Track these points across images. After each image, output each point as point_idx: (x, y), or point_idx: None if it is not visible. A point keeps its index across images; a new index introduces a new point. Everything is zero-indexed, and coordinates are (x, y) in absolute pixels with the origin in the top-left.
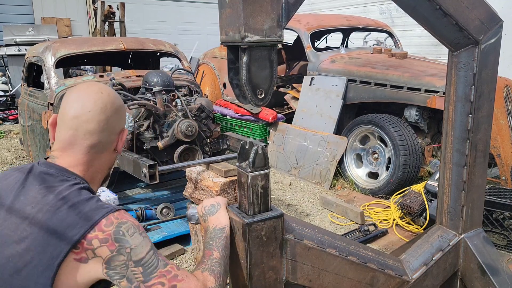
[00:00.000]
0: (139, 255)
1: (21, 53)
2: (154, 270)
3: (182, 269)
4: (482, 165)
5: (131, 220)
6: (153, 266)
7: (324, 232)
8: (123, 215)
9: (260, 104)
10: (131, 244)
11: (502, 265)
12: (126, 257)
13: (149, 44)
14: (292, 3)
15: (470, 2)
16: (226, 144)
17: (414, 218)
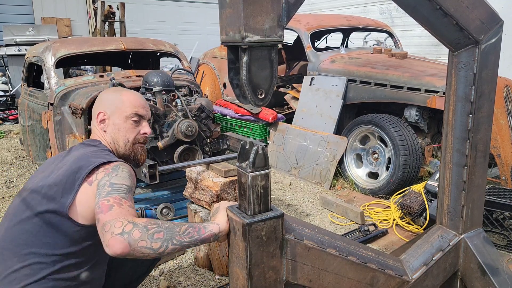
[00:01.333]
0: (116, 181)
1: (21, 53)
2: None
3: (128, 212)
4: (482, 165)
5: (130, 170)
6: (116, 191)
7: (324, 232)
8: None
9: (260, 104)
10: (118, 173)
11: (502, 265)
12: (109, 178)
13: (149, 44)
14: (293, 3)
15: (471, 2)
16: (226, 144)
17: (414, 218)
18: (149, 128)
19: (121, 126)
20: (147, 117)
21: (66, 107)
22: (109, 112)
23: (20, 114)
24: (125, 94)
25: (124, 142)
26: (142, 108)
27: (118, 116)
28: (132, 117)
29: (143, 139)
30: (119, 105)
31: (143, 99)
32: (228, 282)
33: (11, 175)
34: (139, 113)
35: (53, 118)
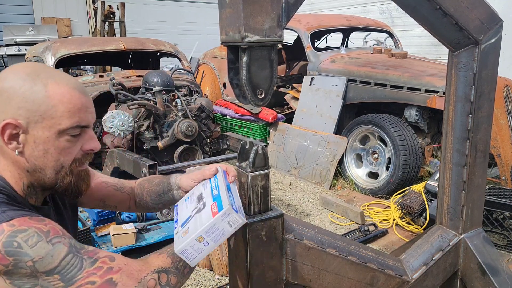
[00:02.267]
0: (48, 266)
1: (21, 53)
2: (77, 272)
3: (121, 257)
4: (482, 165)
5: (36, 226)
6: (76, 269)
7: (324, 232)
8: (23, 222)
9: (260, 104)
10: (32, 257)
11: (502, 265)
12: (31, 270)
13: (149, 44)
14: (292, 3)
15: (470, 2)
16: (226, 144)
17: (414, 218)
18: (96, 139)
19: (49, 145)
20: (92, 123)
21: None
22: (26, 121)
23: None
24: (52, 88)
25: (56, 168)
26: (85, 112)
27: (43, 129)
28: (70, 131)
29: (86, 158)
30: (45, 110)
31: (82, 91)
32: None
33: None
34: (83, 124)
35: None
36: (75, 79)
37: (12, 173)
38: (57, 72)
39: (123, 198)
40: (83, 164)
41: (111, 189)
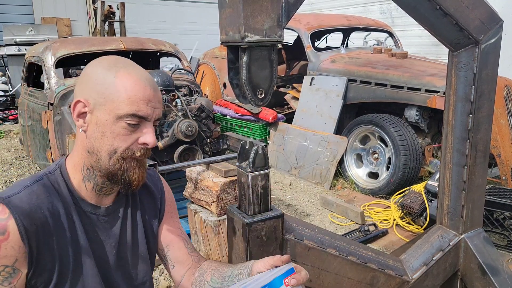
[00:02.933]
0: None
1: (21, 53)
2: None
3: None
4: (482, 165)
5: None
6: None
7: (324, 232)
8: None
9: (260, 104)
10: None
11: (502, 265)
12: None
13: (149, 44)
14: (292, 3)
15: (470, 2)
16: (226, 144)
17: (415, 218)
18: (153, 135)
19: (106, 129)
20: (152, 117)
21: (66, 107)
22: (93, 101)
23: (20, 114)
24: (121, 75)
25: (109, 152)
26: (146, 104)
27: (105, 112)
28: (127, 118)
29: (140, 151)
30: (109, 93)
31: (150, 85)
32: None
33: (11, 175)
34: (140, 114)
35: (53, 118)
36: (149, 75)
37: (78, 152)
38: (134, 66)
39: (185, 259)
40: (138, 156)
41: (182, 241)
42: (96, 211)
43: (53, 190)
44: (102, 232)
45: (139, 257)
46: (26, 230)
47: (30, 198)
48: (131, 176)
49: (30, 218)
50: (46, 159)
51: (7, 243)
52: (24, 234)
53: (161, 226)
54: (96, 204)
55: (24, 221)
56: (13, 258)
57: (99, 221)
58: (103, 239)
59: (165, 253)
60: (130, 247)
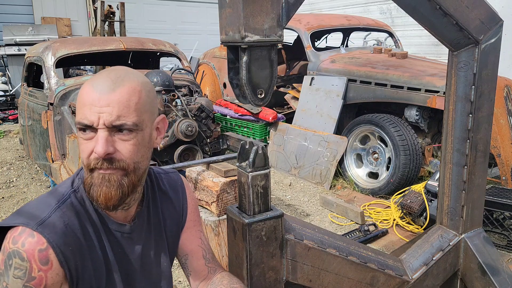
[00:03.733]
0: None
1: (21, 53)
2: None
3: None
4: (482, 165)
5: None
6: None
7: (324, 232)
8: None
9: (260, 104)
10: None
11: (502, 265)
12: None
13: (149, 44)
14: (292, 3)
15: (470, 2)
16: (226, 144)
17: (414, 218)
18: (102, 143)
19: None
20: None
21: (66, 107)
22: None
23: (20, 114)
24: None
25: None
26: (89, 110)
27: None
28: (78, 126)
29: (96, 162)
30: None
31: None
32: None
33: (11, 175)
34: (83, 122)
35: (53, 118)
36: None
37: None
38: (110, 71)
39: (201, 270)
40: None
41: (201, 251)
42: (121, 229)
43: (81, 209)
44: (126, 248)
45: (162, 266)
46: (64, 256)
47: (62, 222)
48: (95, 194)
49: (65, 243)
50: (46, 159)
51: (52, 272)
52: (63, 260)
53: (183, 234)
54: (120, 222)
55: (61, 247)
56: (59, 284)
57: (123, 238)
58: (128, 253)
59: (183, 261)
60: (153, 258)
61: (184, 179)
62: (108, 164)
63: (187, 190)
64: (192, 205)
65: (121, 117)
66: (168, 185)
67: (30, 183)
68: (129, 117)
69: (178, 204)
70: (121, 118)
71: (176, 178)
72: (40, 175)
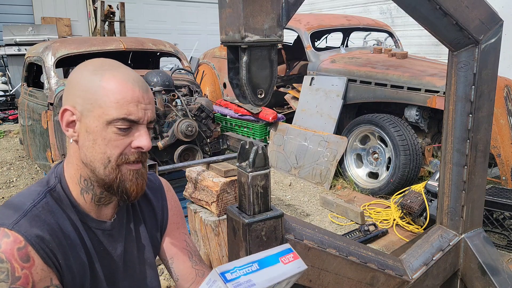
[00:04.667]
0: None
1: (21, 53)
2: None
3: None
4: (482, 165)
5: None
6: None
7: (324, 232)
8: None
9: (260, 104)
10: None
11: (502, 265)
12: None
13: (149, 44)
14: (292, 3)
15: (470, 2)
16: (226, 144)
17: (414, 218)
18: (147, 137)
19: (97, 136)
20: (144, 119)
21: None
22: (81, 108)
23: (20, 114)
24: (107, 78)
25: (103, 162)
26: (135, 107)
27: (93, 118)
28: (117, 123)
29: (135, 156)
30: (96, 98)
31: (139, 86)
32: None
33: (11, 175)
34: (131, 117)
35: (53, 118)
36: (138, 76)
37: (73, 164)
38: (121, 67)
39: (188, 273)
40: (134, 163)
41: (186, 254)
42: (101, 226)
43: (58, 208)
44: (107, 245)
45: (146, 264)
46: (45, 251)
47: (39, 220)
48: (128, 188)
49: (44, 240)
50: (46, 159)
51: (36, 267)
52: (45, 255)
53: (165, 237)
54: (100, 219)
55: (40, 244)
56: (49, 278)
57: (104, 236)
58: (109, 251)
59: (169, 265)
60: (136, 255)
61: (165, 182)
62: (145, 156)
63: (167, 193)
64: (173, 208)
65: (153, 115)
66: (147, 186)
67: (30, 183)
68: (154, 115)
69: (157, 205)
70: (153, 116)
71: (154, 179)
72: (40, 175)
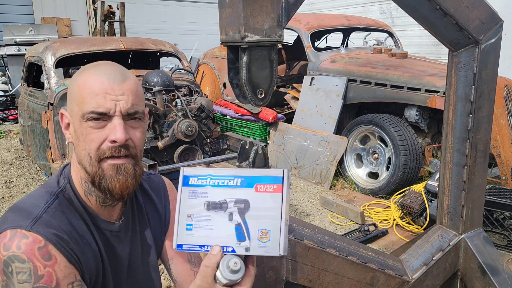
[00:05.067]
0: None
1: (21, 53)
2: None
3: None
4: (482, 165)
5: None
6: None
7: (324, 232)
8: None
9: (260, 104)
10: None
11: (502, 265)
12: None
13: (149, 44)
14: (292, 3)
15: (470, 2)
16: (226, 144)
17: (415, 218)
18: (121, 129)
19: (79, 133)
20: (116, 110)
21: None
22: (69, 110)
23: (20, 114)
24: (83, 76)
25: (87, 159)
26: (103, 98)
27: (75, 116)
28: (88, 116)
29: (110, 150)
30: (74, 96)
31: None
32: None
33: (11, 175)
34: (99, 110)
35: (53, 118)
36: (117, 69)
37: (74, 167)
38: (103, 64)
39: (187, 275)
40: (114, 158)
41: (186, 255)
42: (110, 227)
43: (70, 209)
44: (115, 246)
45: (150, 266)
46: (66, 249)
47: (55, 221)
48: (110, 184)
49: (63, 239)
50: (46, 159)
51: (60, 265)
52: (67, 254)
53: (166, 237)
54: (109, 220)
55: (60, 242)
56: (73, 275)
57: (112, 236)
58: (117, 252)
59: (168, 266)
60: (140, 257)
61: (168, 182)
62: (125, 150)
63: (170, 193)
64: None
65: (134, 105)
66: (150, 187)
67: (30, 183)
68: (140, 106)
69: (160, 206)
70: (135, 106)
71: (158, 180)
72: (40, 175)
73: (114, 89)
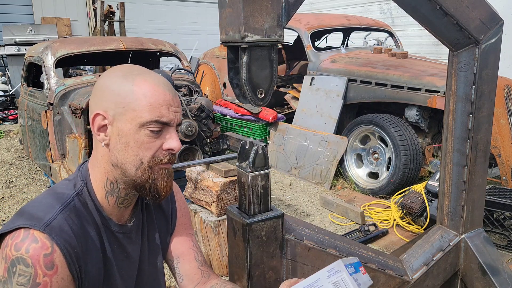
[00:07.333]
0: None
1: (21, 53)
2: None
3: None
4: (483, 165)
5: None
6: None
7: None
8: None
9: (260, 104)
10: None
11: (502, 265)
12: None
13: (149, 43)
14: (292, 2)
15: (471, 2)
16: (226, 144)
17: (415, 218)
18: (177, 139)
19: (130, 139)
20: (175, 121)
21: (66, 107)
22: (113, 112)
23: (19, 114)
24: (139, 82)
25: (135, 164)
26: (167, 109)
27: (126, 121)
28: (150, 126)
29: (167, 157)
30: (129, 102)
31: (169, 90)
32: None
33: (10, 175)
34: (163, 120)
35: (52, 118)
36: (166, 80)
37: (100, 168)
38: (150, 72)
39: (194, 273)
40: (165, 163)
41: (193, 254)
42: (122, 229)
43: (84, 212)
44: (127, 248)
45: (156, 267)
46: (71, 258)
47: (68, 225)
48: (159, 187)
49: (72, 246)
50: (45, 159)
51: (58, 276)
52: (70, 261)
53: (172, 237)
54: (121, 223)
55: (68, 249)
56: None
57: (125, 238)
58: (128, 254)
59: (174, 265)
60: (147, 259)
61: (174, 184)
62: (174, 158)
63: (176, 195)
64: (181, 209)
65: (181, 117)
66: None
67: (30, 183)
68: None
69: (166, 206)
70: (181, 119)
71: None
72: (40, 175)
73: (174, 101)
